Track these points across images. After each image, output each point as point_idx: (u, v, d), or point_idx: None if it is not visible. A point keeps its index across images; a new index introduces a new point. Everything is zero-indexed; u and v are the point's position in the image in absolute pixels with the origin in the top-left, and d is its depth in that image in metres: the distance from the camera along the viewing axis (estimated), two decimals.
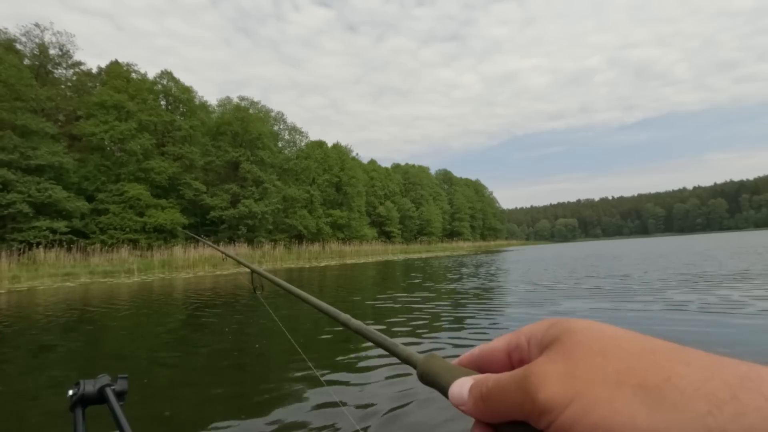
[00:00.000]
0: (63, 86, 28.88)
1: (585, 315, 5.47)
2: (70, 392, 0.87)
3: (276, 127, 41.15)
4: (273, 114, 41.17)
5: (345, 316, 0.54)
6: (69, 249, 22.05)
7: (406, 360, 0.37)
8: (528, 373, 0.22)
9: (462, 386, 0.27)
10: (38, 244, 21.09)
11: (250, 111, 36.55)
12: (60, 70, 29.28)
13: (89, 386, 0.87)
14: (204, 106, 35.95)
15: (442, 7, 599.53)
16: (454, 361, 0.32)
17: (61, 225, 22.44)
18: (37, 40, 26.53)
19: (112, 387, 0.88)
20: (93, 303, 9.53)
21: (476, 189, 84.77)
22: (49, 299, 10.70)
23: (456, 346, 4.10)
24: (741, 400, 0.16)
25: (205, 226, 31.32)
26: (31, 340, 5.52)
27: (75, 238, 23.01)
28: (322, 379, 3.26)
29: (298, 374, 3.41)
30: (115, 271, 20.08)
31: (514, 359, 0.27)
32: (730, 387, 0.16)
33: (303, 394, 2.97)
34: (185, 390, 3.30)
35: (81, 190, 25.52)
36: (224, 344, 4.72)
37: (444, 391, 0.29)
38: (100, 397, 0.87)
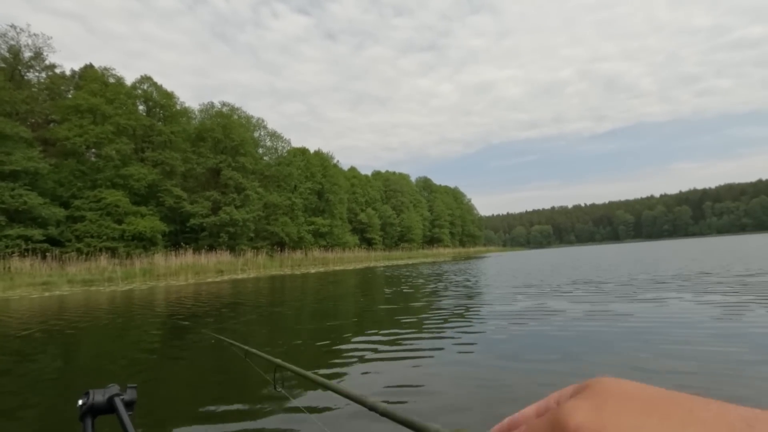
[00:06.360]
0: (36, 89, 27.93)
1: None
2: (80, 402, 0.84)
3: (257, 134, 40.78)
4: (254, 120, 40.82)
5: (371, 401, 0.58)
6: (44, 257, 21.25)
7: None
8: (559, 409, 0.24)
9: None
10: (11, 252, 20.25)
11: (233, 117, 36.22)
12: (33, 73, 28.35)
13: (98, 396, 0.84)
14: (185, 111, 35.35)
15: (420, 18, 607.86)
16: None
17: (36, 233, 21.63)
18: (12, 42, 25.65)
19: (122, 397, 0.85)
20: (102, 311, 9.30)
21: (455, 196, 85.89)
22: (60, 305, 10.35)
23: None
24: (757, 429, 0.19)
25: (185, 233, 30.66)
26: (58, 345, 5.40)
27: (50, 247, 22.19)
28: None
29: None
30: (95, 280, 19.47)
31: None
32: (746, 420, 0.19)
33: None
34: (181, 397, 3.37)
35: (56, 196, 24.63)
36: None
37: None
38: (109, 407, 0.84)
